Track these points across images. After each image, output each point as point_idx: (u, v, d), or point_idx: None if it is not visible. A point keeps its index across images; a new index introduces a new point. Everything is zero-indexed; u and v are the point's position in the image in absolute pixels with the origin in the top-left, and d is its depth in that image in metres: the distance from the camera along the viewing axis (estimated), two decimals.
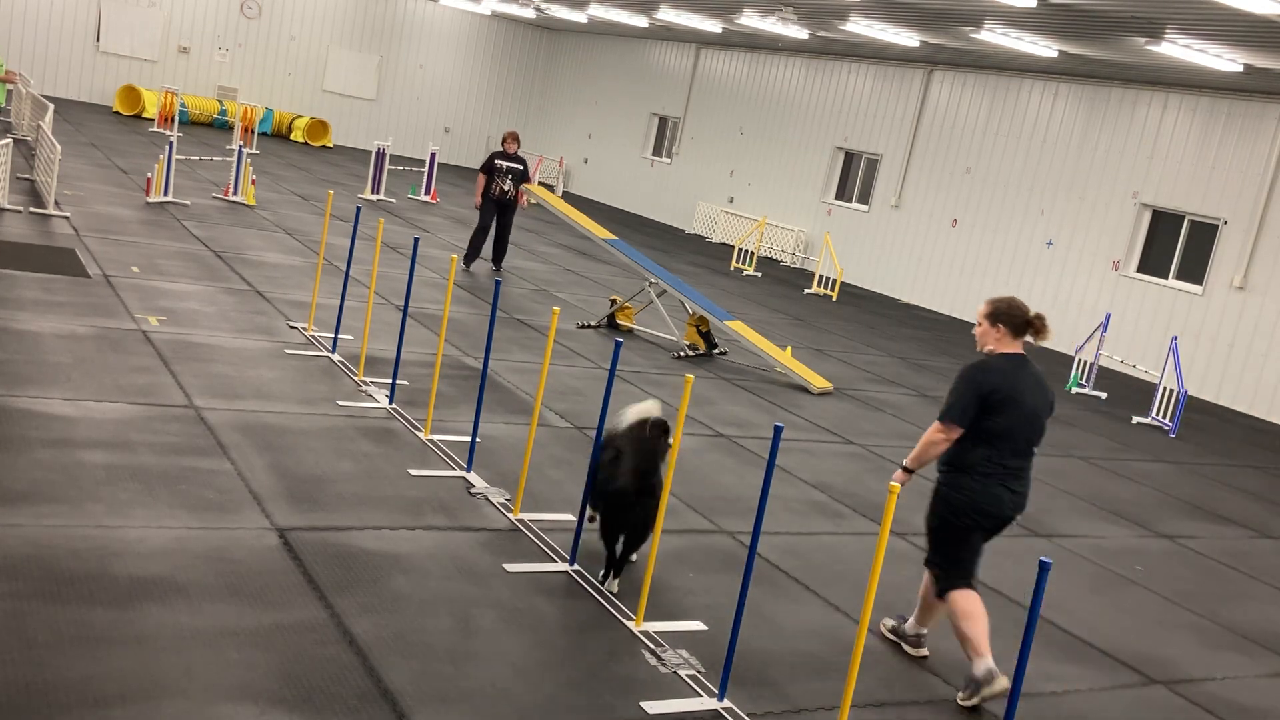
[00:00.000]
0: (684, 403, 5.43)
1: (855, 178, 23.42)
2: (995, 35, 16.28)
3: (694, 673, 5.25)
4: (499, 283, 7.68)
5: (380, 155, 21.08)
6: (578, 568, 6.19)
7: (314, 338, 10.13)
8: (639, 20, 24.86)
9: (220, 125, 28.44)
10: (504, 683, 4.87)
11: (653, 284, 13.16)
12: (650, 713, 4.85)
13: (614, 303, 13.49)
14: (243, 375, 8.63)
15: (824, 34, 20.67)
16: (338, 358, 9.59)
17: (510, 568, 6.04)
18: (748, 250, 22.55)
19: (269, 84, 29.94)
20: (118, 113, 27.29)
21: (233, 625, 4.90)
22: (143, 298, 10.43)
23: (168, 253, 12.68)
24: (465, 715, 4.56)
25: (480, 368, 9.26)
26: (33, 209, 13.40)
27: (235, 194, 17.39)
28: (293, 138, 29.37)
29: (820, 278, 21.34)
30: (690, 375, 5.57)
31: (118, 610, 4.84)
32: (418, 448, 7.71)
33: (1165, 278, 17.52)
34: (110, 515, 5.76)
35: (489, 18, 32.22)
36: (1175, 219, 17.58)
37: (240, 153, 17.38)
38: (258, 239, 14.66)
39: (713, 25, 22.59)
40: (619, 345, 6.16)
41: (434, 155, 22.79)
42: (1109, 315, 16.27)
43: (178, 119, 25.32)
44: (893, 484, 4.31)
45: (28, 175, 15.49)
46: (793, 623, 6.11)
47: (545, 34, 33.23)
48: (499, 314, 12.14)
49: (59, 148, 13.83)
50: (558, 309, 6.94)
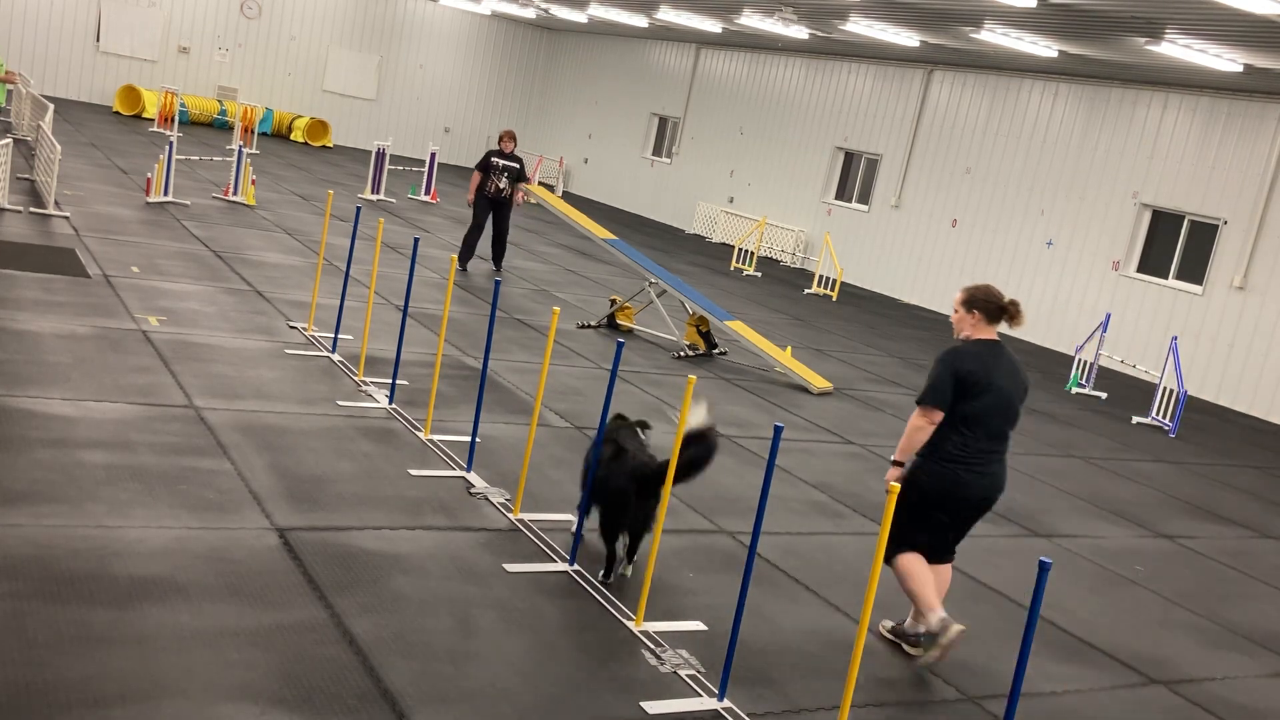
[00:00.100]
0: (685, 403, 5.43)
1: (855, 178, 23.42)
2: (995, 35, 16.28)
3: (694, 673, 5.25)
4: (499, 283, 7.68)
5: (380, 155, 21.09)
6: (578, 568, 6.19)
7: (314, 338, 10.13)
8: (639, 20, 24.86)
9: (220, 125, 28.44)
10: (504, 683, 4.87)
11: (653, 284, 13.16)
12: (650, 713, 4.85)
13: (614, 303, 13.49)
14: (243, 375, 8.62)
15: (824, 34, 20.68)
16: (338, 358, 9.59)
17: (510, 568, 6.04)
18: (748, 250, 22.55)
19: (269, 84, 29.94)
20: (118, 113, 27.29)
21: (233, 625, 4.89)
22: (143, 298, 10.43)
23: (168, 253, 12.68)
24: (465, 715, 4.56)
25: (480, 368, 9.26)
26: (33, 209, 13.40)
27: (235, 194, 17.39)
28: (293, 138, 29.37)
29: (820, 278, 21.34)
30: (693, 377, 5.57)
31: (118, 610, 4.84)
32: (418, 448, 7.71)
33: (1165, 278, 17.52)
34: (110, 515, 5.76)
35: (489, 18, 32.22)
36: (1175, 219, 17.58)
37: (240, 153, 17.38)
38: (258, 239, 14.66)
39: (713, 25, 22.59)
40: (620, 345, 6.16)
41: (434, 155, 22.80)
42: (1109, 315, 16.27)
43: (178, 119, 25.33)
44: (893, 484, 4.30)
45: (28, 175, 15.50)
46: (793, 623, 6.11)
47: (545, 34, 33.23)
48: (499, 314, 12.14)
49: (59, 148, 13.83)
50: (558, 309, 6.94)
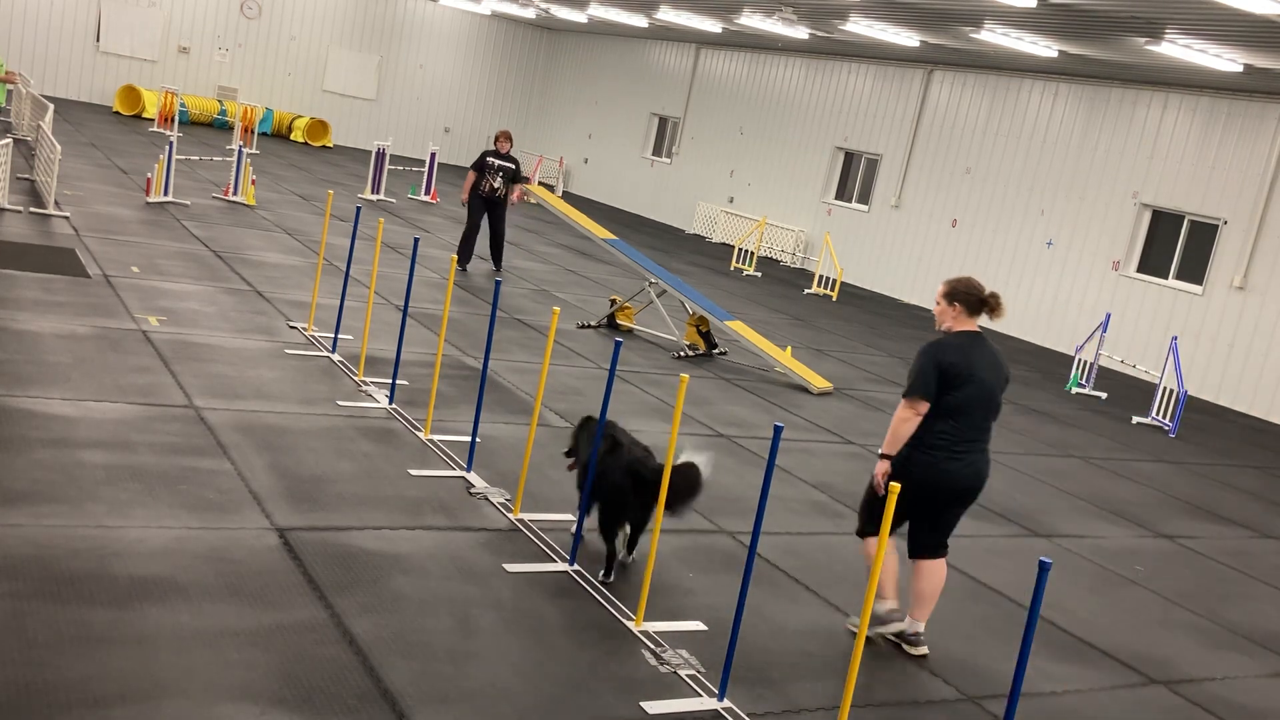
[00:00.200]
0: (679, 403, 5.43)
1: (855, 178, 23.42)
2: (995, 35, 16.28)
3: (694, 673, 5.25)
4: (499, 283, 7.68)
5: (380, 155, 21.09)
6: (578, 568, 6.19)
7: (314, 338, 10.13)
8: (639, 20, 24.86)
9: (220, 125, 28.44)
10: (504, 683, 4.87)
11: (653, 284, 13.16)
12: (650, 713, 4.85)
13: (614, 303, 13.49)
14: (243, 375, 8.63)
15: (824, 34, 20.67)
16: (338, 358, 9.59)
17: (510, 568, 6.04)
18: (748, 250, 22.55)
19: (269, 84, 29.94)
20: (118, 113, 27.29)
21: (233, 625, 4.90)
22: (143, 298, 10.43)
23: (168, 253, 12.68)
24: (465, 715, 4.56)
25: (480, 368, 9.26)
26: (33, 209, 13.40)
27: (235, 194, 17.39)
28: (293, 138, 29.37)
29: (820, 278, 21.34)
30: (685, 375, 5.57)
31: (118, 610, 4.84)
32: (418, 448, 7.71)
33: (1165, 278, 17.52)
34: (110, 515, 5.76)
35: (489, 18, 32.22)
36: (1175, 219, 17.58)
37: (240, 153, 17.38)
38: (258, 239, 14.66)
39: (713, 25, 22.59)
40: (619, 345, 6.16)
41: (434, 155, 22.80)
42: (1109, 315, 16.27)
43: (178, 119, 25.32)
44: (893, 485, 4.30)
45: (28, 175, 15.50)
46: (793, 623, 6.11)
47: (545, 34, 33.24)
48: (499, 314, 12.14)
49: (59, 148, 13.83)
50: (558, 309, 6.94)
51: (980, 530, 8.35)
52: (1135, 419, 13.72)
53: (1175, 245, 17.48)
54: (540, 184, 26.30)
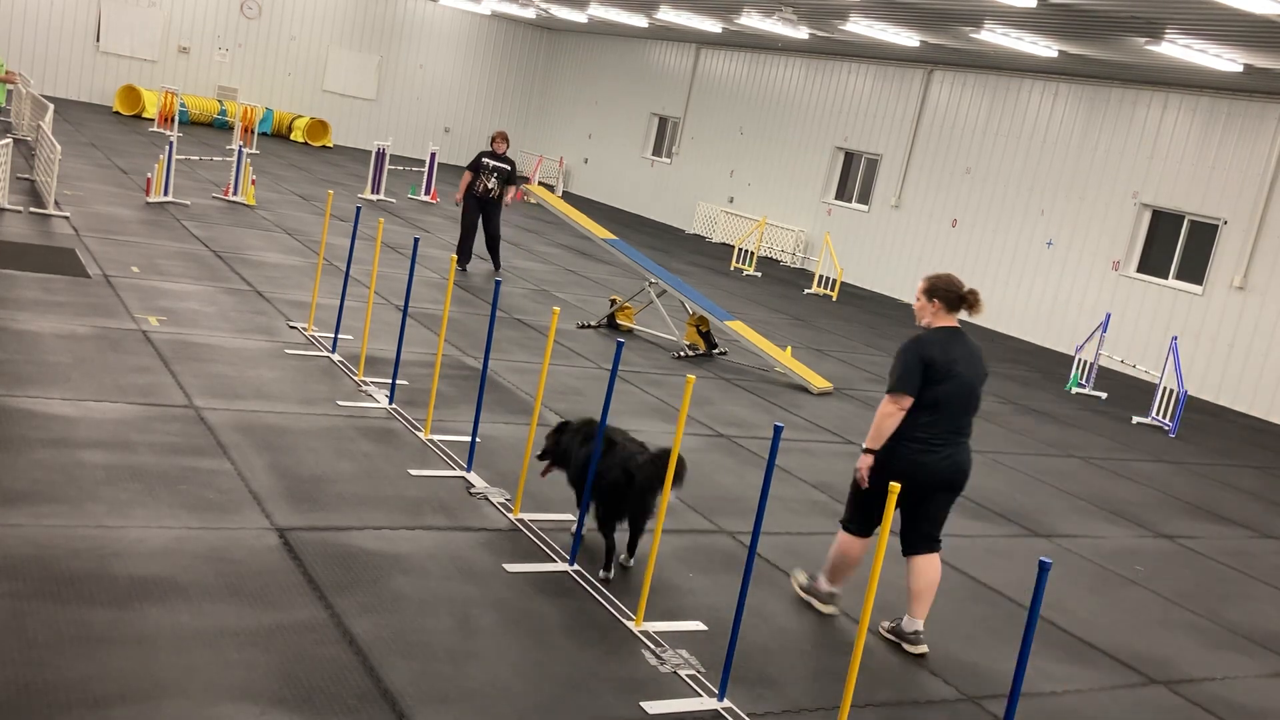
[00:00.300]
0: (685, 403, 5.43)
1: (855, 178, 23.42)
2: (995, 35, 16.28)
3: (694, 673, 5.25)
4: (499, 283, 7.68)
5: (380, 155, 21.09)
6: (578, 567, 6.19)
7: (314, 338, 10.13)
8: (639, 20, 24.86)
9: (220, 125, 28.44)
10: (504, 683, 4.87)
11: (653, 284, 13.16)
12: (650, 713, 4.85)
13: (614, 303, 13.49)
14: (243, 375, 8.63)
15: (824, 34, 20.67)
16: (338, 358, 9.59)
17: (510, 568, 6.05)
18: (748, 250, 22.55)
19: (269, 84, 29.94)
20: (118, 113, 27.29)
21: (233, 625, 4.90)
22: (143, 298, 10.43)
23: (168, 253, 12.68)
24: (465, 715, 4.56)
25: (480, 368, 9.26)
26: (33, 209, 13.40)
27: (235, 194, 17.39)
28: (293, 138, 29.37)
29: (820, 278, 21.34)
30: (691, 376, 5.57)
31: (118, 610, 4.84)
32: (418, 448, 7.71)
33: (1165, 278, 17.52)
34: (110, 515, 5.76)
35: (489, 18, 32.22)
36: (1175, 219, 17.58)
37: (240, 153, 17.38)
38: (258, 239, 14.66)
39: (713, 25, 22.59)
40: (620, 345, 6.16)
41: (434, 155, 22.79)
42: (1109, 315, 16.27)
43: (178, 119, 25.32)
44: (892, 485, 4.30)
45: (28, 175, 15.50)
46: (793, 623, 6.11)
47: (545, 34, 33.24)
48: (499, 314, 12.14)
49: (59, 148, 13.83)
50: (558, 309, 6.94)
51: (980, 530, 8.36)
52: (1135, 419, 13.72)
53: (1175, 245, 17.48)
54: (540, 184, 26.30)
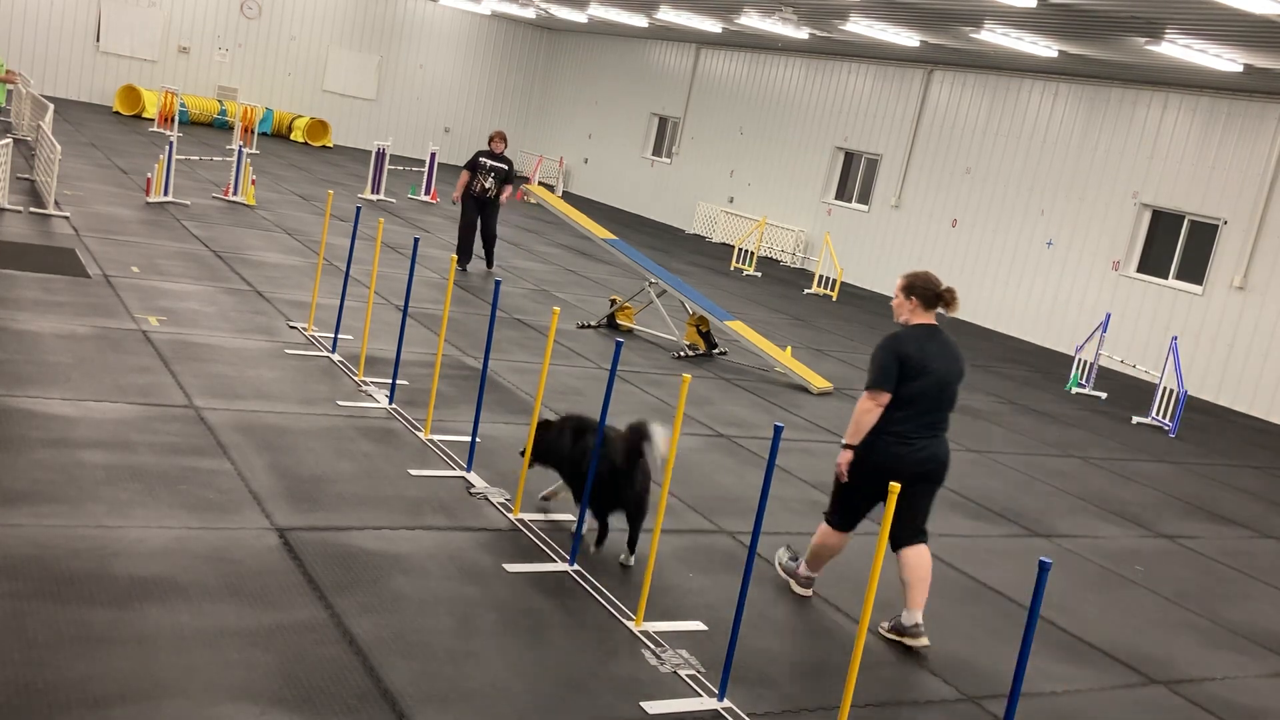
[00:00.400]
0: (681, 402, 5.43)
1: (855, 178, 23.42)
2: (995, 35, 16.28)
3: (694, 673, 5.25)
4: (499, 283, 7.68)
5: (380, 155, 21.09)
6: (578, 568, 6.19)
7: (314, 338, 10.13)
8: (639, 20, 24.86)
9: (220, 125, 28.44)
10: (504, 683, 4.87)
11: (653, 284, 13.16)
12: (650, 713, 4.85)
13: (614, 303, 13.49)
14: (243, 375, 8.63)
15: (824, 34, 20.67)
16: (338, 358, 9.59)
17: (510, 568, 6.04)
18: (748, 250, 22.55)
19: (269, 84, 29.95)
20: (118, 113, 27.29)
21: (233, 625, 4.90)
22: (143, 298, 10.43)
23: (168, 253, 12.68)
24: (465, 715, 4.56)
25: (480, 368, 9.25)
26: (33, 209, 13.40)
27: (235, 194, 17.39)
28: (293, 138, 29.37)
29: (820, 278, 21.34)
30: (688, 376, 5.57)
31: (118, 610, 4.84)
32: (418, 448, 7.71)
33: (1165, 278, 17.52)
34: (110, 515, 5.76)
35: (489, 18, 32.22)
36: (1175, 219, 17.58)
37: (240, 153, 17.38)
38: (258, 239, 14.66)
39: (713, 25, 22.59)
40: (619, 345, 6.16)
41: (434, 155, 22.79)
42: (1109, 315, 16.27)
43: (178, 119, 25.32)
44: (893, 485, 4.30)
45: (28, 175, 15.50)
46: (793, 623, 6.11)
47: (545, 34, 33.24)
48: (499, 314, 12.14)
49: (59, 148, 13.83)
50: (558, 309, 6.94)
51: (980, 530, 8.36)
52: (1135, 419, 13.72)
53: (1175, 245, 17.48)
54: (540, 184, 26.30)
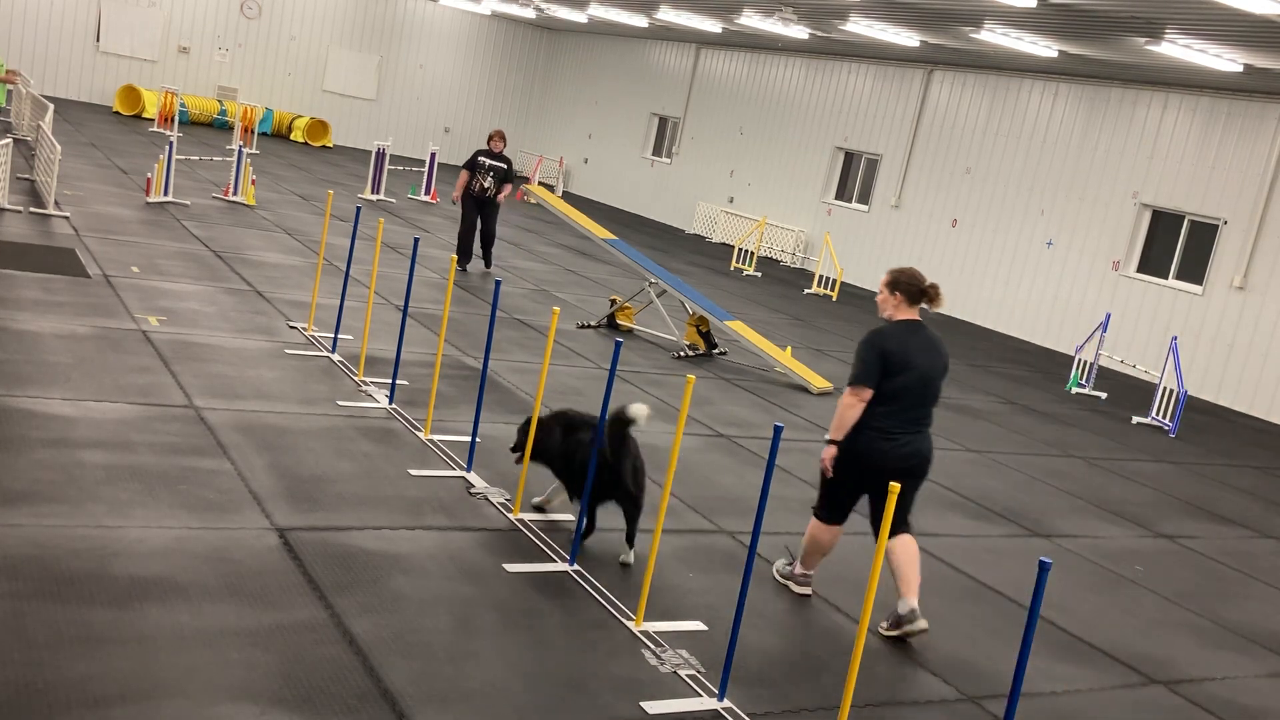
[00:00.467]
0: (685, 403, 5.43)
1: (855, 178, 23.42)
2: (995, 35, 16.28)
3: (694, 673, 5.25)
4: (499, 283, 7.68)
5: (380, 155, 21.09)
6: (578, 568, 6.19)
7: (314, 338, 10.13)
8: (639, 20, 24.86)
9: (220, 125, 28.44)
10: (504, 683, 4.87)
11: (653, 284, 13.16)
12: (650, 713, 4.85)
13: (614, 303, 13.50)
14: (243, 375, 8.63)
15: (824, 34, 20.67)
16: (338, 358, 9.59)
17: (510, 568, 6.04)
18: (748, 250, 22.55)
19: (269, 84, 29.94)
20: (118, 113, 27.29)
21: (233, 625, 4.90)
22: (143, 298, 10.43)
23: (168, 253, 12.68)
24: (465, 715, 4.56)
25: (480, 368, 9.26)
26: (33, 209, 13.40)
27: (235, 194, 17.39)
28: (293, 138, 29.37)
29: (820, 278, 21.34)
30: (692, 376, 5.58)
31: (118, 610, 4.84)
32: (418, 448, 7.71)
33: (1165, 278, 17.52)
34: (110, 515, 5.76)
35: (489, 18, 32.22)
36: (1175, 219, 17.58)
37: (240, 153, 17.38)
38: (258, 239, 14.66)
39: (713, 25, 22.59)
40: (619, 345, 6.16)
41: (434, 155, 22.79)
42: (1109, 315, 16.27)
43: (178, 119, 25.32)
44: (893, 485, 4.30)
45: (28, 175, 15.49)
46: (793, 623, 6.11)
47: (545, 34, 33.24)
48: (499, 314, 12.14)
49: (59, 148, 13.83)
50: (558, 309, 6.94)
51: (980, 530, 8.36)
52: (1135, 419, 13.72)
53: (1175, 245, 17.48)
54: (540, 184, 26.30)
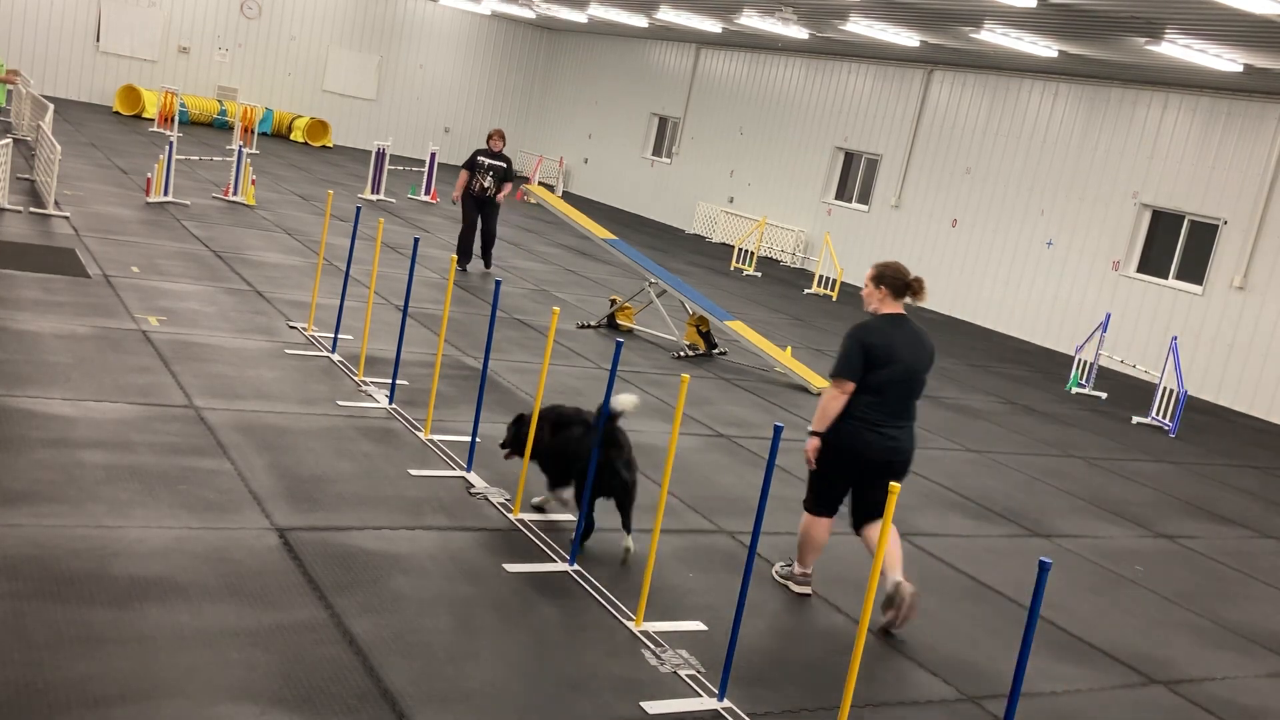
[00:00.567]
0: (680, 402, 5.43)
1: (855, 178, 23.42)
2: (995, 35, 16.28)
3: (694, 673, 5.25)
4: (499, 283, 7.68)
5: (380, 155, 21.09)
6: (578, 568, 6.19)
7: (314, 338, 10.13)
8: (639, 20, 24.86)
9: (220, 125, 28.44)
10: (504, 683, 4.87)
11: (653, 284, 13.16)
12: (650, 713, 4.85)
13: (614, 303, 13.49)
14: (243, 375, 8.63)
15: (824, 34, 20.67)
16: (338, 358, 9.59)
17: (510, 568, 6.04)
18: (748, 250, 22.55)
19: (269, 84, 29.94)
20: (118, 113, 27.29)
21: (233, 625, 4.90)
22: (143, 298, 10.43)
23: (168, 253, 12.68)
24: (465, 715, 4.56)
25: (480, 368, 9.26)
26: (33, 209, 13.40)
27: (235, 194, 17.39)
28: (293, 138, 29.37)
29: (820, 278, 21.34)
30: (686, 375, 5.57)
31: (118, 610, 4.84)
32: (418, 448, 7.71)
33: (1165, 278, 17.52)
34: (110, 515, 5.76)
35: (489, 18, 32.22)
36: (1175, 219, 17.58)
37: (240, 153, 17.38)
38: (258, 239, 14.66)
39: (713, 25, 22.59)
40: (620, 345, 6.16)
41: (434, 155, 22.79)
42: (1109, 315, 16.27)
43: (178, 119, 25.32)
44: (893, 485, 4.30)
45: (28, 175, 15.49)
46: (793, 623, 6.11)
47: (545, 34, 33.23)
48: (498, 314, 12.14)
49: (59, 148, 13.83)
50: (558, 309, 6.94)
51: (980, 530, 8.36)
52: (1135, 419, 13.72)
53: (1175, 245, 17.48)
54: (540, 184, 26.30)
